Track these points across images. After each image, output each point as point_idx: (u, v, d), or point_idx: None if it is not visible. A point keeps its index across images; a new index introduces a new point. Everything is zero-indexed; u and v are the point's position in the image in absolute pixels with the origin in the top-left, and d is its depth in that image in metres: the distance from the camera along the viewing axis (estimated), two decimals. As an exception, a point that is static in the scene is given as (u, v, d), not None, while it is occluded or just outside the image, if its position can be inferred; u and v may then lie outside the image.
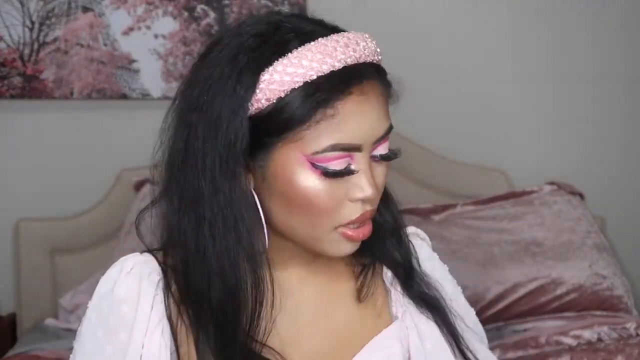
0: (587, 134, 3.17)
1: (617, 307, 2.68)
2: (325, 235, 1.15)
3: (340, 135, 1.10)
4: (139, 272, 1.20)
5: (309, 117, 1.09)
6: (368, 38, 1.18)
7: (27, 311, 2.89)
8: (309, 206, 1.12)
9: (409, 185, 3.00)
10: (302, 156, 1.11)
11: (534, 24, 3.11)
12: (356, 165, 1.13)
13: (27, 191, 2.95)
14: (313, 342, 1.23)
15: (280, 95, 1.10)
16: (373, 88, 1.14)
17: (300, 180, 1.12)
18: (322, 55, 1.10)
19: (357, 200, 1.14)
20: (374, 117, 1.13)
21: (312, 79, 1.10)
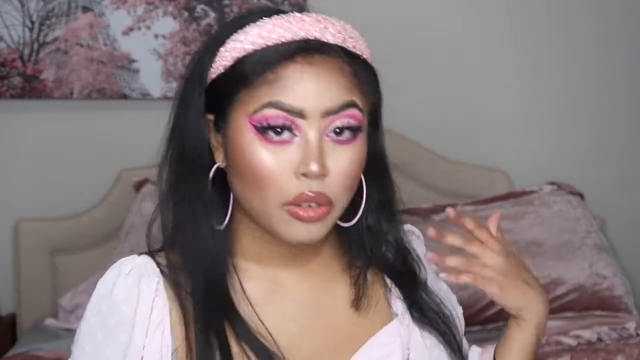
0: (588, 134, 3.17)
1: (617, 307, 2.68)
2: (274, 211, 1.15)
3: (279, 95, 1.13)
4: (138, 273, 1.19)
5: (252, 78, 1.13)
6: (342, 25, 1.20)
7: (27, 311, 2.89)
8: (253, 173, 1.14)
9: (409, 185, 3.00)
10: (246, 118, 1.14)
11: (537, 23, 3.11)
12: (301, 134, 1.14)
13: (27, 191, 2.95)
14: (312, 340, 1.23)
15: (232, 62, 1.15)
16: (328, 63, 1.15)
17: (245, 144, 1.14)
18: (273, 26, 1.15)
19: (300, 174, 1.13)
20: (322, 87, 1.14)
21: (260, 46, 1.15)
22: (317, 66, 1.14)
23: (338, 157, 1.15)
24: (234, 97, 1.15)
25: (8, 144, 2.95)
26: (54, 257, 2.91)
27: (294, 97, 1.13)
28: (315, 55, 1.14)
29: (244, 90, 1.14)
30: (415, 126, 3.03)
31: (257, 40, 1.15)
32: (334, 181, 1.15)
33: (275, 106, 1.13)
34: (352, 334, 1.25)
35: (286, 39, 1.14)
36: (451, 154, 3.07)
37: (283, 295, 1.23)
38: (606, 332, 2.43)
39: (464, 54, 3.09)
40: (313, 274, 1.25)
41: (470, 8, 3.09)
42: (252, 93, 1.14)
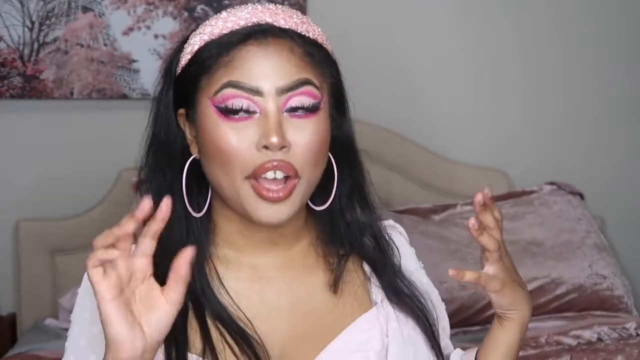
0: (588, 134, 3.17)
1: (617, 307, 2.68)
2: (239, 185, 1.19)
3: (235, 75, 1.20)
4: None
5: (209, 64, 1.21)
6: (295, 12, 1.26)
7: (27, 311, 2.89)
8: (218, 151, 1.20)
9: (409, 185, 3.00)
10: (208, 101, 1.21)
11: (537, 24, 3.12)
12: (260, 110, 1.19)
13: (27, 191, 2.95)
14: (290, 326, 1.26)
15: (192, 55, 1.24)
16: (280, 44, 1.21)
17: (209, 125, 1.21)
18: (227, 15, 1.24)
19: (263, 148, 1.18)
20: (275, 65, 1.20)
21: (216, 36, 1.23)
22: (270, 47, 1.21)
23: (298, 130, 1.20)
24: (196, 85, 1.23)
25: (8, 143, 2.95)
26: (54, 257, 2.91)
27: (249, 77, 1.19)
28: (268, 38, 1.21)
29: (205, 75, 1.22)
30: (416, 126, 3.04)
31: (213, 31, 1.23)
32: (296, 153, 1.20)
33: (232, 85, 1.20)
34: (330, 320, 1.28)
35: (240, 25, 1.22)
36: (451, 154, 3.07)
37: (262, 283, 1.27)
38: (606, 332, 2.43)
39: (464, 54, 3.09)
40: (292, 261, 1.28)
41: (472, 9, 3.09)
42: (211, 77, 1.21)
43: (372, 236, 1.32)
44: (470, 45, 3.10)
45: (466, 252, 2.70)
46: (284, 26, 1.23)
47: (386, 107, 3.02)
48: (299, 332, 1.26)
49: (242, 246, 1.27)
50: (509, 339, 1.31)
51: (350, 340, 1.26)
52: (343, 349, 1.26)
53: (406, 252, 1.38)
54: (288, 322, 1.26)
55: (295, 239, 1.28)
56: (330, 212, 1.28)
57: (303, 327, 1.26)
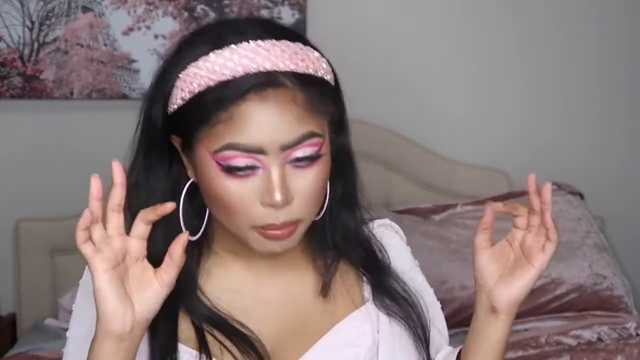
0: (588, 134, 3.17)
1: (617, 307, 2.68)
2: (245, 233, 1.19)
3: (237, 136, 1.15)
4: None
5: (207, 118, 1.16)
6: (300, 48, 1.19)
7: (27, 311, 2.89)
8: (222, 203, 1.18)
9: (409, 185, 3.00)
10: (209, 155, 1.17)
11: (538, 24, 3.11)
12: (264, 167, 1.16)
13: (27, 191, 2.95)
14: (281, 324, 1.27)
15: (189, 96, 1.18)
16: (280, 95, 1.15)
17: (211, 178, 1.18)
18: (224, 60, 1.16)
19: (267, 205, 1.17)
20: (276, 122, 1.15)
21: (215, 83, 1.16)
22: (270, 101, 1.15)
23: (301, 180, 1.18)
24: (194, 133, 1.18)
25: (8, 143, 2.95)
26: (54, 257, 2.91)
27: (250, 136, 1.15)
28: (268, 90, 1.15)
29: (204, 127, 1.17)
30: (416, 126, 3.03)
31: (210, 76, 1.16)
32: (299, 203, 1.18)
33: (234, 148, 1.15)
34: (322, 317, 1.30)
35: (238, 74, 1.15)
36: (451, 154, 3.07)
37: (255, 284, 1.29)
38: (606, 332, 2.43)
39: (464, 54, 3.09)
40: (285, 265, 1.29)
41: (472, 9, 3.09)
42: (211, 130, 1.16)
43: (360, 241, 1.33)
44: (470, 45, 3.10)
45: (466, 252, 2.69)
46: (283, 69, 1.16)
47: (386, 107, 3.02)
48: (290, 329, 1.28)
49: (236, 250, 1.28)
50: (503, 330, 1.29)
51: (340, 337, 1.28)
52: (333, 345, 1.28)
53: (400, 251, 1.39)
54: (279, 319, 1.28)
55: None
56: (321, 218, 1.27)
57: (294, 324, 1.28)
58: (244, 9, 2.95)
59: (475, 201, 2.90)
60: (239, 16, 2.95)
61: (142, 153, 1.26)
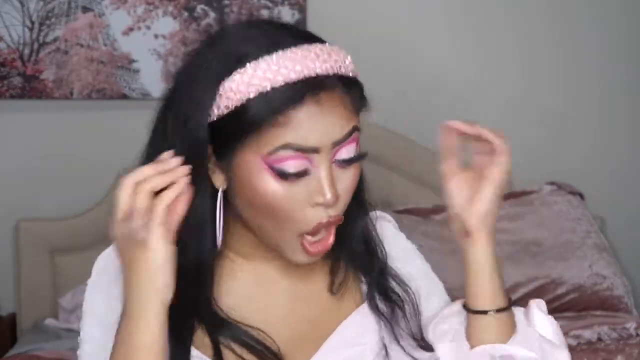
0: (588, 134, 3.17)
1: (617, 307, 2.68)
2: (290, 240, 1.20)
3: (293, 137, 1.15)
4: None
5: (262, 124, 1.15)
6: (335, 50, 1.21)
7: (27, 311, 2.89)
8: (270, 210, 1.17)
9: (409, 185, 3.00)
10: (260, 158, 1.15)
11: (537, 22, 3.12)
12: (315, 168, 1.17)
13: (27, 191, 2.95)
14: (290, 328, 1.28)
15: (237, 104, 1.15)
16: (332, 99, 1.17)
17: (260, 184, 1.16)
18: (277, 66, 1.15)
19: (317, 205, 1.17)
20: (329, 124, 1.16)
21: (266, 89, 1.15)
22: (324, 104, 1.16)
23: (344, 179, 1.20)
24: (240, 140, 1.16)
25: (8, 143, 2.95)
26: (54, 257, 2.91)
27: (307, 139, 1.15)
28: (320, 93, 1.16)
29: (253, 134, 1.15)
30: (416, 126, 3.03)
31: (262, 83, 1.15)
32: (344, 200, 1.20)
33: (290, 147, 1.15)
34: (329, 319, 1.30)
35: (291, 79, 1.15)
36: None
37: (266, 287, 1.29)
38: (606, 332, 2.43)
39: (463, 53, 3.10)
40: (294, 266, 1.28)
41: (472, 9, 3.09)
42: (262, 136, 1.15)
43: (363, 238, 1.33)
44: (470, 45, 3.10)
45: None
46: (331, 72, 1.18)
47: (386, 106, 3.01)
48: (298, 332, 1.28)
49: (247, 254, 1.28)
50: (480, 255, 1.30)
51: (345, 336, 1.29)
52: (339, 345, 1.28)
53: (393, 238, 1.39)
54: (288, 323, 1.28)
55: None
56: None
57: (302, 327, 1.29)
58: (244, 9, 2.95)
59: (475, 201, 2.89)
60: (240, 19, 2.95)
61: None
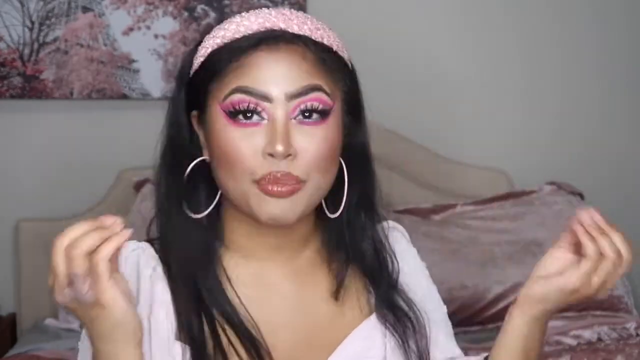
0: (588, 134, 3.17)
1: (617, 307, 2.67)
2: (246, 188, 1.19)
3: (245, 80, 1.19)
4: (137, 255, 1.25)
5: (220, 69, 1.21)
6: (310, 18, 1.26)
7: (27, 311, 2.89)
8: (226, 155, 1.20)
9: (409, 185, 3.00)
10: (218, 105, 1.21)
11: (537, 23, 3.11)
12: (268, 117, 1.19)
13: (27, 191, 2.95)
14: (293, 333, 1.26)
15: (205, 56, 1.23)
16: (292, 50, 1.20)
17: (218, 129, 1.21)
18: (240, 19, 1.23)
19: (267, 154, 1.18)
20: (286, 71, 1.19)
21: (230, 39, 1.22)
22: (281, 53, 1.20)
23: (306, 138, 1.19)
24: (207, 89, 1.22)
25: (8, 144, 2.95)
26: (54, 257, 2.90)
27: (258, 82, 1.19)
28: (279, 44, 1.20)
29: (216, 80, 1.21)
30: (416, 126, 3.03)
31: (226, 34, 1.22)
32: (302, 161, 1.19)
33: (241, 91, 1.19)
34: (333, 327, 1.28)
35: (252, 30, 1.21)
36: (451, 154, 3.07)
37: (267, 288, 1.27)
38: (606, 332, 2.43)
39: (463, 54, 3.09)
40: (297, 268, 1.28)
41: (469, 9, 3.09)
42: (221, 81, 1.20)
43: (373, 245, 1.31)
44: (470, 44, 3.10)
45: (466, 253, 2.70)
46: (297, 32, 1.21)
47: (387, 106, 3.00)
48: (302, 339, 1.26)
49: (249, 251, 1.26)
50: (515, 328, 1.24)
51: (352, 348, 1.27)
52: (346, 357, 1.26)
53: (405, 254, 1.37)
54: (292, 329, 1.26)
55: (303, 245, 1.28)
56: (338, 219, 1.27)
57: (307, 334, 1.26)
58: (244, 9, 2.94)
59: (475, 201, 2.90)
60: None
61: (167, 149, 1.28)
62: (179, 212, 1.24)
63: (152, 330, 1.21)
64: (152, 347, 1.20)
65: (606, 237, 1.22)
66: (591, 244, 1.22)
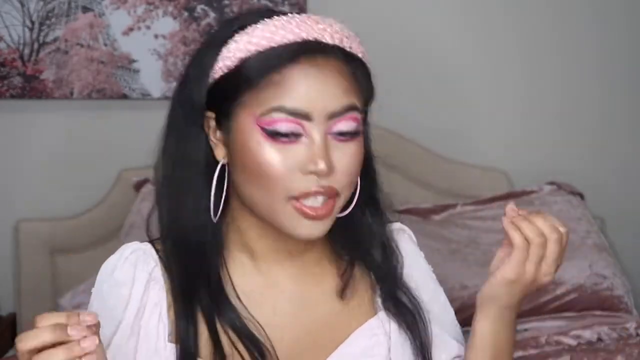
0: (588, 134, 3.17)
1: (617, 307, 2.67)
2: (280, 206, 1.18)
3: (286, 99, 1.16)
4: (136, 257, 1.24)
5: (257, 81, 1.16)
6: (339, 26, 1.23)
7: (27, 311, 2.89)
8: (260, 172, 1.17)
9: (409, 185, 3.00)
10: (253, 119, 1.17)
11: (537, 24, 3.11)
12: (307, 135, 1.17)
13: (27, 191, 2.95)
14: (297, 333, 1.26)
15: (236, 63, 1.18)
16: (330, 65, 1.18)
17: (252, 145, 1.17)
18: (276, 28, 1.18)
19: (308, 172, 1.17)
20: (325, 90, 1.17)
21: (264, 47, 1.17)
22: (320, 67, 1.17)
23: (341, 154, 1.19)
24: (238, 99, 1.18)
25: (8, 144, 2.95)
26: (54, 257, 2.91)
27: (299, 100, 1.16)
28: (317, 56, 1.17)
29: (249, 92, 1.17)
30: (415, 126, 3.03)
31: (260, 42, 1.17)
32: (339, 176, 1.19)
33: (282, 111, 1.16)
34: (338, 326, 1.28)
35: (289, 40, 1.17)
36: (451, 154, 3.07)
37: (272, 289, 1.27)
38: (606, 332, 2.43)
39: (463, 54, 3.09)
40: (303, 268, 1.28)
41: (472, 9, 3.09)
42: (257, 95, 1.16)
43: (380, 244, 1.32)
44: (470, 44, 3.10)
45: (466, 252, 2.70)
46: (330, 42, 1.19)
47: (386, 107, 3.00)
48: (307, 338, 1.26)
49: (257, 253, 1.26)
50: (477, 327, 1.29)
51: (356, 346, 1.27)
52: (349, 355, 1.26)
53: (413, 257, 1.37)
54: (297, 329, 1.26)
55: (310, 246, 1.28)
56: (344, 219, 1.27)
57: (311, 333, 1.26)
58: (244, 9, 2.95)
59: (475, 201, 2.90)
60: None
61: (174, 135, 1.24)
62: (187, 212, 1.22)
63: (141, 333, 1.21)
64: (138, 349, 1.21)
65: (528, 224, 1.22)
66: (516, 234, 1.23)
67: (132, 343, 1.21)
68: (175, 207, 1.23)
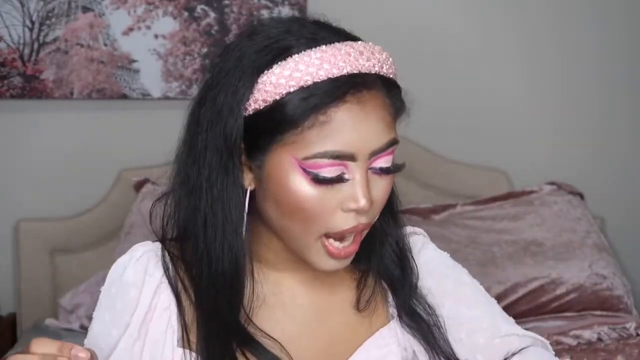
0: (588, 134, 3.17)
1: (617, 307, 2.68)
2: (312, 243, 1.15)
3: (332, 143, 1.10)
4: (147, 258, 1.22)
5: (301, 121, 1.10)
6: (378, 50, 1.18)
7: (27, 311, 2.89)
8: (298, 211, 1.13)
9: (409, 185, 3.00)
10: (294, 160, 1.11)
11: (538, 24, 3.11)
12: (350, 174, 1.13)
13: (27, 191, 2.95)
14: (310, 342, 1.24)
15: (275, 98, 1.11)
16: (374, 99, 1.14)
17: (291, 184, 1.12)
18: (320, 61, 1.11)
19: (349, 210, 1.14)
20: (370, 128, 1.13)
21: (307, 84, 1.10)
22: (366, 105, 1.13)
23: (379, 187, 1.16)
24: (277, 136, 1.11)
25: (8, 144, 2.95)
26: (54, 257, 2.91)
27: (347, 143, 1.11)
28: (363, 92, 1.12)
29: (291, 131, 1.11)
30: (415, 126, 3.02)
31: (303, 77, 1.11)
32: (375, 209, 1.17)
33: (328, 156, 1.11)
34: (351, 336, 1.26)
35: (333, 75, 1.11)
36: (451, 154, 3.07)
37: (285, 299, 1.24)
38: (606, 332, 2.43)
39: (464, 54, 3.09)
40: (316, 277, 1.25)
41: (472, 9, 3.09)
42: (300, 135, 1.11)
43: (396, 252, 1.29)
44: (469, 44, 3.10)
45: (466, 252, 2.70)
46: (372, 71, 1.14)
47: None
48: (320, 348, 1.24)
49: (268, 261, 1.24)
50: None
51: (367, 355, 1.25)
52: None
53: (436, 266, 1.32)
54: (310, 338, 1.24)
55: None
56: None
57: (325, 343, 1.25)
58: (244, 9, 2.95)
59: (475, 201, 2.90)
60: (239, 19, 2.95)
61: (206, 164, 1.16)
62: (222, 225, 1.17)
63: (147, 337, 1.20)
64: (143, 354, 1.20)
65: None
66: None
67: (137, 348, 1.20)
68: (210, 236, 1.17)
